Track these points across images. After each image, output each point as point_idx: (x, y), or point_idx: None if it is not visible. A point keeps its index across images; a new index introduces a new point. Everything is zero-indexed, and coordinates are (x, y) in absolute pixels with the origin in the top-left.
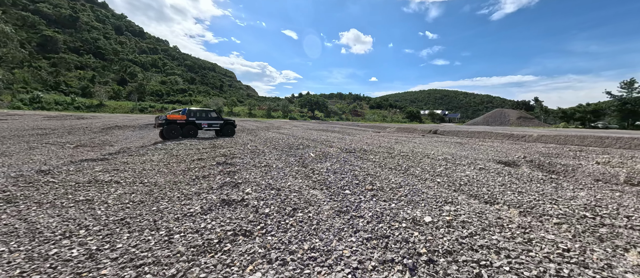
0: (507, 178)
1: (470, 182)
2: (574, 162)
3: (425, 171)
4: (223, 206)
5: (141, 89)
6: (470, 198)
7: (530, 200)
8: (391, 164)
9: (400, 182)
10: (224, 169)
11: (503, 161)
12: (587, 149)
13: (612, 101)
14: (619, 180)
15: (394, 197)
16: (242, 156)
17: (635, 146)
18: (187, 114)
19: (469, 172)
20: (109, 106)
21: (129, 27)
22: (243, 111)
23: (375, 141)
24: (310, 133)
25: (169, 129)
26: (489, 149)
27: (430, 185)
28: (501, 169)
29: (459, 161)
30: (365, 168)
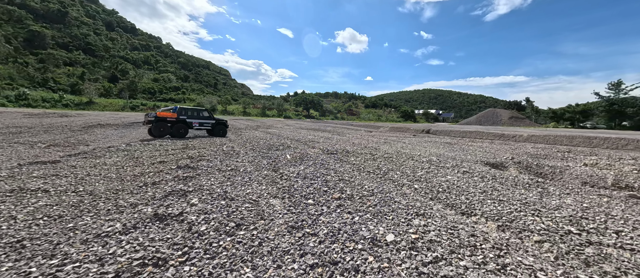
0: (491, 182)
1: (450, 188)
2: (562, 164)
3: (404, 175)
4: (153, 222)
5: (133, 86)
6: (446, 208)
7: (512, 210)
8: (370, 168)
9: (374, 189)
10: (183, 174)
11: (490, 162)
12: (575, 149)
13: (600, 102)
14: (606, 183)
15: (361, 207)
16: (212, 158)
17: (622, 146)
18: (178, 113)
19: (451, 176)
20: (99, 103)
21: (121, 23)
22: (237, 109)
23: (363, 142)
24: (299, 133)
25: (157, 126)
26: (477, 150)
27: (407, 192)
28: (486, 172)
29: (444, 163)
30: (341, 171)
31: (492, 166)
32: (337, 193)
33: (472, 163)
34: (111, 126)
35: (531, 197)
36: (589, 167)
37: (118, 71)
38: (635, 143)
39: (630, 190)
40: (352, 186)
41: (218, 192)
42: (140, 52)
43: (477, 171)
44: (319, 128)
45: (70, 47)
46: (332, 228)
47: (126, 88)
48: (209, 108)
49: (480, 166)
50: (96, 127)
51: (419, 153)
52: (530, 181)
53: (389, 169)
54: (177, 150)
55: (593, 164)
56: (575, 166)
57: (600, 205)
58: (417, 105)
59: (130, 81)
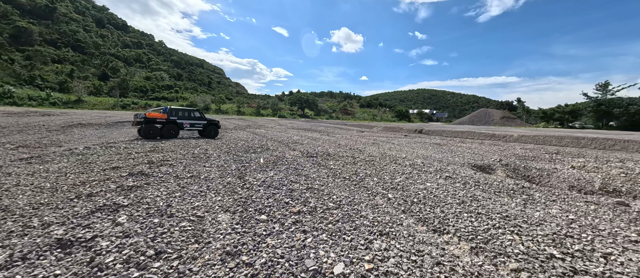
0: (473, 190)
1: (427, 198)
2: (549, 166)
3: (381, 182)
4: (52, 250)
5: (124, 84)
6: (417, 223)
7: (489, 226)
8: (347, 173)
9: (342, 200)
10: (131, 182)
11: (478, 165)
12: (563, 150)
13: (589, 103)
14: (593, 187)
15: (320, 224)
16: (176, 163)
17: (609, 147)
18: (168, 113)
19: (430, 183)
20: (89, 102)
21: (112, 20)
22: (231, 108)
23: (350, 143)
24: (287, 133)
25: (147, 128)
26: (466, 152)
27: (379, 202)
28: (470, 177)
29: (428, 167)
30: (313, 178)
31: (479, 169)
32: (299, 206)
33: (458, 166)
34: (93, 126)
35: (513, 208)
36: (577, 170)
37: (109, 68)
38: (622, 144)
39: (618, 194)
40: (319, 196)
41: (159, 206)
42: (131, 50)
43: (460, 176)
44: (310, 128)
45: (59, 44)
46: (274, 255)
47: (117, 86)
48: (202, 107)
49: (467, 169)
50: (76, 127)
51: (405, 155)
52: (515, 186)
53: (367, 175)
54: (141, 154)
55: (580, 166)
56: (563, 168)
57: (587, 214)
58: (412, 105)
59: (121, 79)
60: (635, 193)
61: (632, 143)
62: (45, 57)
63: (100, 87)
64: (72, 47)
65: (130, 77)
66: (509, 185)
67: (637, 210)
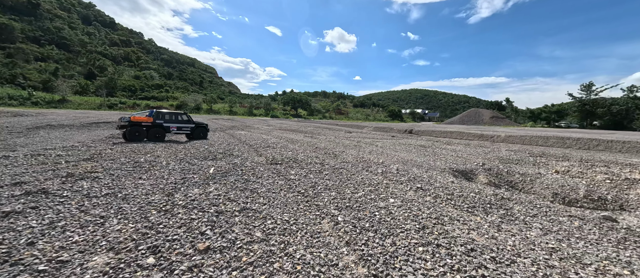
0: (443, 206)
1: (382, 222)
2: (533, 170)
3: (338, 197)
4: None
5: (112, 83)
6: (358, 263)
7: (446, 270)
8: (305, 185)
9: (276, 227)
10: (13, 206)
11: (460, 170)
12: (548, 152)
13: (574, 103)
14: (578, 195)
15: (220, 274)
16: (106, 174)
17: (593, 147)
18: (154, 116)
19: (395, 198)
20: (73, 101)
21: (99, 17)
22: (223, 108)
23: (330, 145)
24: (267, 135)
25: (132, 131)
26: (450, 155)
27: (324, 227)
28: (445, 187)
29: (402, 175)
30: (259, 193)
31: (461, 174)
32: (210, 241)
33: (438, 172)
34: (64, 127)
35: (484, 235)
36: (561, 175)
37: (95, 67)
38: (606, 144)
39: (603, 203)
40: (249, 222)
41: None
42: (120, 48)
43: (434, 187)
44: (297, 129)
45: (42, 41)
46: None
47: (104, 85)
48: (193, 106)
49: (446, 176)
50: (45, 128)
51: (382, 160)
52: (493, 197)
53: (327, 187)
54: (72, 163)
55: (565, 171)
56: (547, 173)
57: (571, 234)
58: (404, 105)
59: (108, 78)
60: (621, 202)
61: (615, 143)
62: (27, 55)
63: (87, 87)
64: (57, 44)
65: (118, 76)
66: (487, 197)
67: (625, 226)
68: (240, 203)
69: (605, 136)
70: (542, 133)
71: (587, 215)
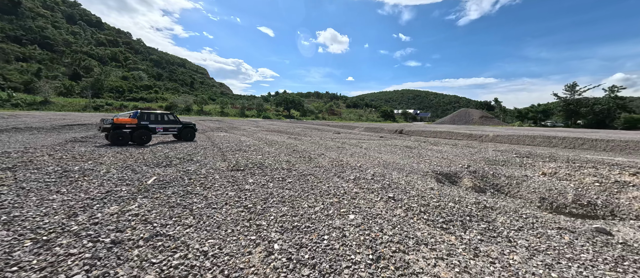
0: (413, 222)
1: (329, 251)
2: (519, 172)
3: (290, 213)
4: None
5: (98, 84)
6: None
7: None
8: (258, 197)
9: (172, 270)
10: None
11: (444, 173)
12: (535, 152)
13: (559, 102)
14: (567, 200)
15: None
16: (15, 186)
17: (578, 146)
18: (139, 118)
19: (356, 215)
20: (57, 103)
21: (84, 16)
22: (215, 109)
23: (311, 148)
24: (247, 137)
25: (115, 134)
26: (435, 156)
27: (252, 261)
28: (421, 196)
29: (377, 180)
30: (192, 211)
31: (445, 177)
32: None
33: (419, 176)
34: (32, 130)
35: (458, 264)
36: (548, 177)
37: (81, 68)
38: (591, 143)
39: (593, 209)
40: (153, 254)
41: None
42: (107, 48)
43: (408, 196)
44: (284, 130)
45: (24, 40)
46: None
47: (90, 87)
48: (183, 108)
49: (426, 180)
50: (9, 132)
51: (362, 163)
52: (475, 207)
53: (282, 199)
54: None
55: (552, 173)
56: (534, 175)
57: (561, 253)
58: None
59: (95, 79)
60: (611, 207)
61: (599, 141)
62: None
63: (72, 88)
64: (39, 44)
65: (105, 77)
66: (467, 207)
67: (621, 240)
68: (155, 227)
69: (589, 134)
70: (529, 133)
71: (578, 226)
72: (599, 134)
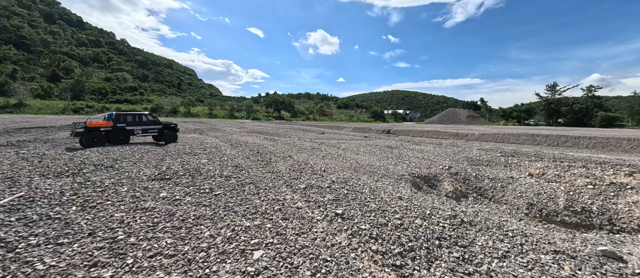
0: (351, 258)
1: None
2: (504, 174)
3: (164, 251)
4: None
5: (79, 86)
6: None
7: None
8: (139, 224)
9: None
10: None
11: (422, 175)
12: (520, 151)
13: (541, 102)
14: (558, 206)
15: None
16: None
17: (562, 143)
18: (114, 120)
19: (268, 249)
20: (33, 106)
21: (64, 16)
22: (203, 111)
23: (281, 149)
24: (221, 138)
25: (89, 138)
26: (415, 157)
27: None
28: (379, 214)
29: (336, 189)
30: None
31: (423, 180)
32: None
33: (393, 179)
34: None
35: None
36: (536, 179)
37: (60, 69)
38: (573, 140)
39: (588, 217)
40: None
41: None
42: (88, 49)
43: (363, 211)
44: (265, 131)
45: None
46: None
47: (70, 88)
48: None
49: (400, 186)
50: None
51: (330, 166)
52: (450, 222)
53: (175, 227)
54: None
55: (540, 174)
56: (520, 177)
57: None
58: (387, 105)
59: (75, 80)
60: (609, 214)
61: (582, 139)
62: None
63: (50, 90)
64: (15, 44)
65: (87, 79)
66: (439, 225)
67: (637, 269)
68: None
69: (570, 132)
70: (513, 131)
71: (579, 248)
72: (579, 132)
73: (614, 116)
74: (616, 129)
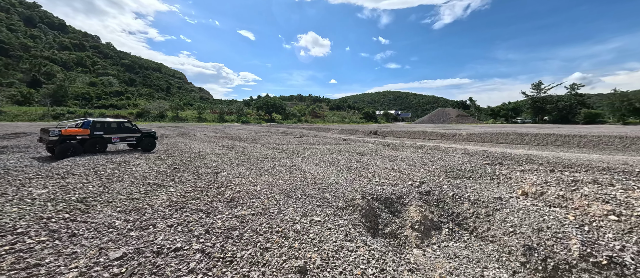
0: None
1: None
2: (490, 191)
3: None
4: None
5: (61, 91)
6: None
7: None
8: None
9: None
10: None
11: (383, 197)
12: (509, 153)
13: (527, 100)
14: (570, 254)
15: None
16: None
17: (552, 143)
18: (91, 127)
19: None
20: (9, 112)
21: (45, 19)
22: (192, 115)
23: (225, 159)
24: (174, 147)
25: (63, 148)
26: (386, 166)
27: None
28: None
29: (249, 226)
30: None
31: (383, 204)
32: None
33: (337, 208)
34: None
35: None
36: (531, 200)
37: (41, 74)
38: (563, 139)
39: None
40: None
41: None
42: (71, 52)
43: None
44: (236, 136)
45: None
46: None
47: (52, 94)
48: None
49: (339, 222)
50: None
51: (271, 182)
52: None
53: None
54: None
55: (537, 194)
56: (511, 198)
57: None
58: (379, 106)
59: (57, 86)
60: None
61: (572, 138)
62: None
63: (30, 95)
64: None
65: (70, 83)
66: None
67: None
68: None
69: (557, 130)
70: (501, 130)
71: None
72: (566, 129)
73: (597, 113)
74: (599, 125)
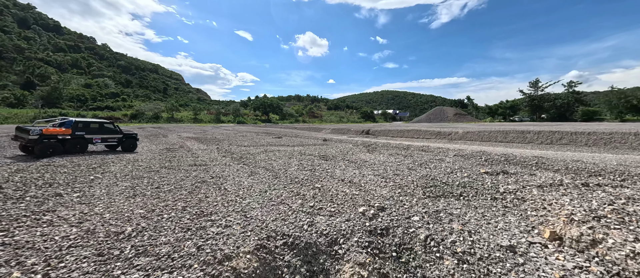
0: None
1: None
2: (493, 227)
3: None
4: None
5: (56, 93)
6: None
7: None
8: None
9: None
10: None
11: (297, 243)
12: (512, 155)
13: (524, 98)
14: None
15: None
16: None
17: (556, 141)
18: (73, 127)
19: None
20: (0, 115)
21: (39, 20)
22: (187, 116)
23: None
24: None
25: (44, 147)
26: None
27: None
28: None
29: None
30: None
31: (297, 255)
32: None
33: (198, 266)
34: None
35: None
36: (571, 251)
37: (35, 76)
38: (570, 137)
39: None
40: None
41: None
42: (66, 54)
43: None
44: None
45: None
46: None
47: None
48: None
49: None
50: None
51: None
52: None
53: None
54: None
55: (585, 241)
56: (533, 246)
57: None
58: (377, 106)
59: (51, 87)
60: None
61: (580, 135)
62: None
63: (24, 98)
64: None
65: (65, 85)
66: None
67: None
68: None
69: (561, 127)
70: (501, 128)
71: None
72: (567, 127)
73: (594, 110)
74: (598, 123)
